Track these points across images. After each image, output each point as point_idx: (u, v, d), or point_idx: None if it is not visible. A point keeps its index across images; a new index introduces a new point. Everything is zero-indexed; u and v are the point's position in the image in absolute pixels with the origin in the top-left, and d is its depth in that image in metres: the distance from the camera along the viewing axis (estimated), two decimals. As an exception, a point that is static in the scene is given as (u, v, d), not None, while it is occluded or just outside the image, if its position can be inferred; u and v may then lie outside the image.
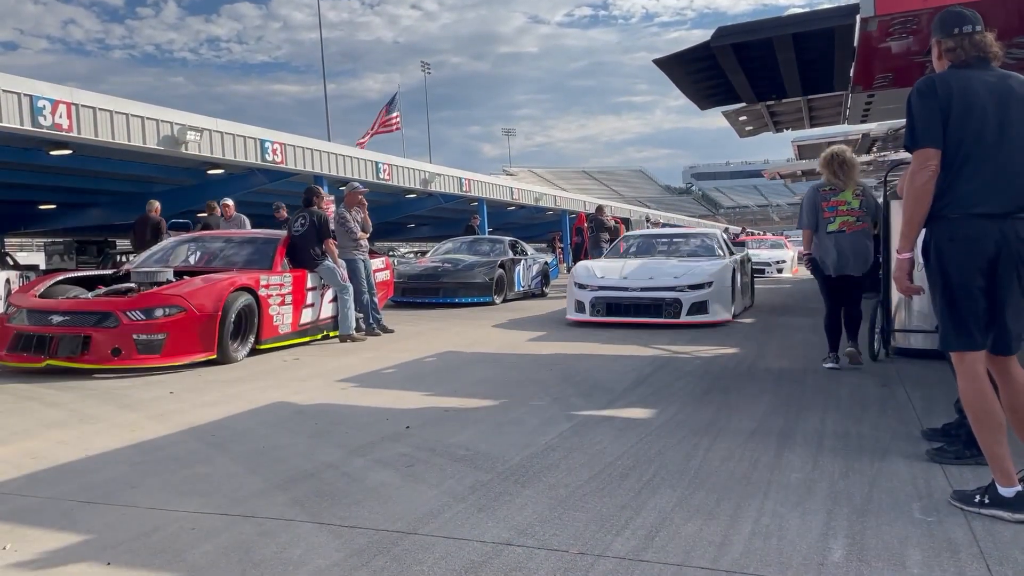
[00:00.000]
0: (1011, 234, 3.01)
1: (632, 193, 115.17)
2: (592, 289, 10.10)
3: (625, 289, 9.88)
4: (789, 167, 25.55)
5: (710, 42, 7.51)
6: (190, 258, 9.15)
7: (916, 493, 3.32)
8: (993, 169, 3.04)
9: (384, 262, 11.57)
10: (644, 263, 10.72)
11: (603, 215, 17.30)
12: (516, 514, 3.13)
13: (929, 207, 3.07)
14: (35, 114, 11.54)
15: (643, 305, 9.76)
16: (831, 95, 10.36)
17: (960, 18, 3.17)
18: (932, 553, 2.70)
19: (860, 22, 5.95)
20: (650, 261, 10.90)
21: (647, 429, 4.53)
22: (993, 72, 3.14)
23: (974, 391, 3.04)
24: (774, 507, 3.17)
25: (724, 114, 11.40)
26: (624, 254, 11.75)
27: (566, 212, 35.67)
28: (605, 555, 2.72)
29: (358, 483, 3.59)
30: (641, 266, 10.53)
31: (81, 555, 2.80)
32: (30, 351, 6.94)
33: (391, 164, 21.80)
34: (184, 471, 3.86)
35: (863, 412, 4.91)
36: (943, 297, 3.10)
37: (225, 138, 15.56)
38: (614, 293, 9.95)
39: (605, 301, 9.95)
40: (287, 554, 2.78)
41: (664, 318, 9.60)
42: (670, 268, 10.20)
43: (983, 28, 3.16)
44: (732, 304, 10.21)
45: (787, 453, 3.98)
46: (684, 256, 11.17)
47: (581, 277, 10.40)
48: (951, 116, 3.04)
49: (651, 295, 9.72)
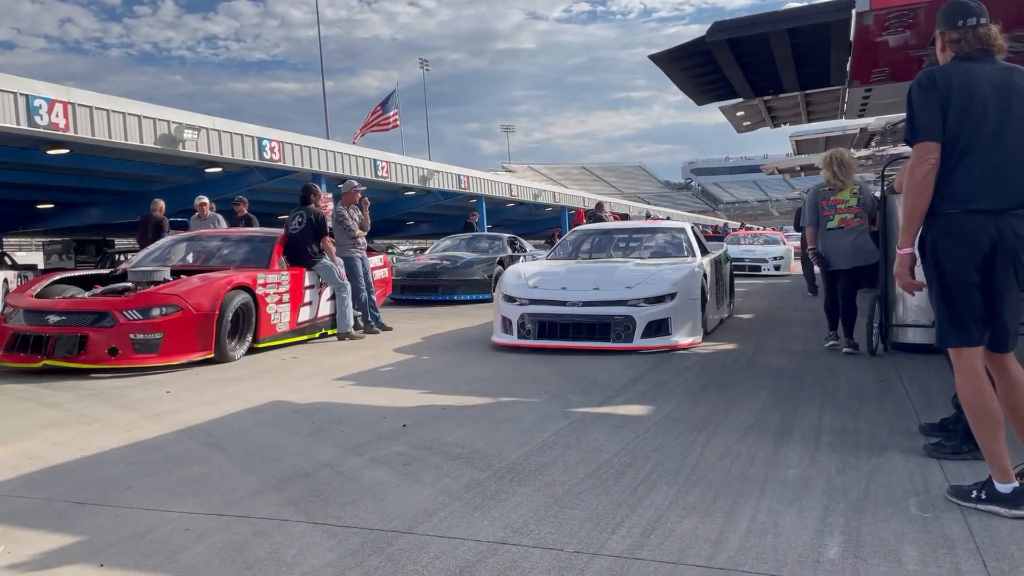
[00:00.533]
0: (1007, 231, 2.98)
1: (631, 189, 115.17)
2: (522, 303, 7.77)
3: (563, 303, 7.57)
4: (788, 162, 25.54)
5: (705, 38, 7.50)
6: (187, 257, 9.13)
7: (913, 489, 3.31)
8: (991, 164, 3.01)
9: (382, 260, 11.55)
10: (592, 267, 8.49)
11: (602, 211, 17.32)
12: (512, 512, 3.12)
13: (929, 201, 3.05)
14: (31, 113, 11.53)
15: (586, 325, 7.46)
16: (828, 90, 10.36)
17: (965, 10, 3.12)
18: (928, 549, 2.69)
19: (856, 16, 5.95)
20: (600, 265, 8.59)
21: (644, 426, 4.52)
22: (997, 65, 3.09)
23: (972, 388, 3.03)
24: (770, 504, 3.16)
25: (721, 109, 11.40)
26: (571, 255, 9.49)
27: (565, 208, 35.68)
28: (600, 553, 2.71)
29: (354, 482, 3.58)
30: (587, 271, 8.25)
31: (74, 557, 2.79)
32: (27, 351, 6.93)
33: (389, 161, 21.79)
34: (180, 471, 3.85)
35: (860, 407, 4.90)
36: (939, 293, 3.08)
37: (223, 136, 15.56)
38: (549, 308, 7.62)
39: (537, 319, 7.59)
40: (281, 555, 2.77)
41: (613, 342, 7.30)
42: (623, 275, 7.88)
43: (988, 20, 3.13)
44: (703, 319, 7.95)
45: (784, 449, 3.97)
46: (646, 257, 8.94)
47: (509, 286, 8.05)
48: (950, 110, 3.01)
49: (596, 311, 7.42)
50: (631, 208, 42.23)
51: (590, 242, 9.80)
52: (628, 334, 7.31)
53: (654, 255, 8.95)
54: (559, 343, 7.45)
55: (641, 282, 7.62)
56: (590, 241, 9.85)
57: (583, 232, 10.22)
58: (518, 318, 7.69)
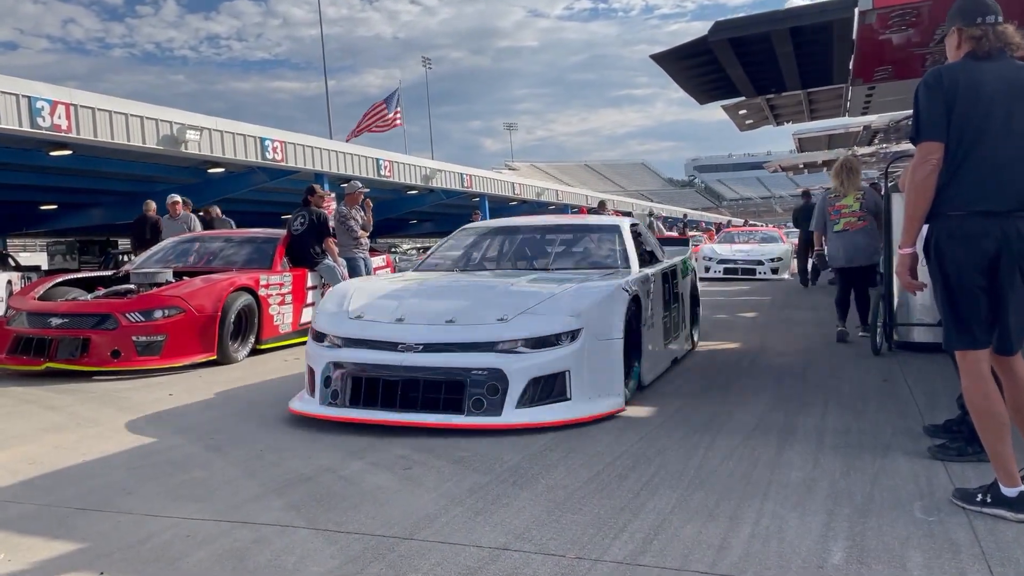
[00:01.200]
0: (1012, 233, 2.95)
1: (635, 186, 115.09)
2: (332, 344, 4.91)
3: (394, 346, 4.68)
4: (791, 160, 25.48)
5: (708, 37, 7.47)
6: (190, 258, 9.13)
7: (918, 491, 3.29)
8: (996, 165, 2.97)
9: (385, 260, 11.54)
10: (459, 285, 5.55)
11: (605, 210, 17.29)
12: (514, 518, 3.11)
13: (931, 202, 3.01)
14: (34, 115, 11.54)
15: (425, 382, 4.56)
16: (831, 88, 10.32)
17: (984, 7, 3.07)
18: (933, 554, 2.67)
19: (859, 15, 5.91)
20: (475, 282, 5.63)
21: (647, 428, 4.50)
22: (1010, 64, 3.05)
23: (977, 390, 3.00)
24: (774, 508, 3.14)
25: (724, 108, 11.36)
26: (458, 264, 6.56)
27: (568, 207, 35.63)
28: (603, 559, 2.69)
29: (355, 487, 3.57)
30: (447, 291, 5.37)
31: (74, 564, 2.78)
32: (29, 354, 6.93)
33: (392, 160, 21.79)
34: (181, 475, 3.84)
35: (864, 408, 4.88)
36: (944, 296, 3.06)
37: (225, 137, 15.56)
38: (371, 355, 4.74)
39: (350, 374, 4.75)
40: (281, 561, 2.75)
41: (468, 416, 4.45)
42: (500, 298, 5.00)
43: (1002, 18, 3.09)
44: (633, 369, 5.24)
45: (787, 451, 3.95)
46: (564, 269, 5.99)
47: (323, 316, 5.19)
48: (956, 110, 2.97)
49: (443, 360, 4.57)
50: (634, 206, 42.16)
51: (484, 246, 6.77)
52: (494, 401, 4.42)
53: (578, 265, 6.08)
54: (383, 416, 4.50)
55: (525, 310, 4.71)
56: (484, 244, 6.79)
57: (475, 232, 6.97)
58: (323, 369, 4.80)
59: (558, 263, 6.18)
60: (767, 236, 19.89)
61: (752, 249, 18.19)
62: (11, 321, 7.30)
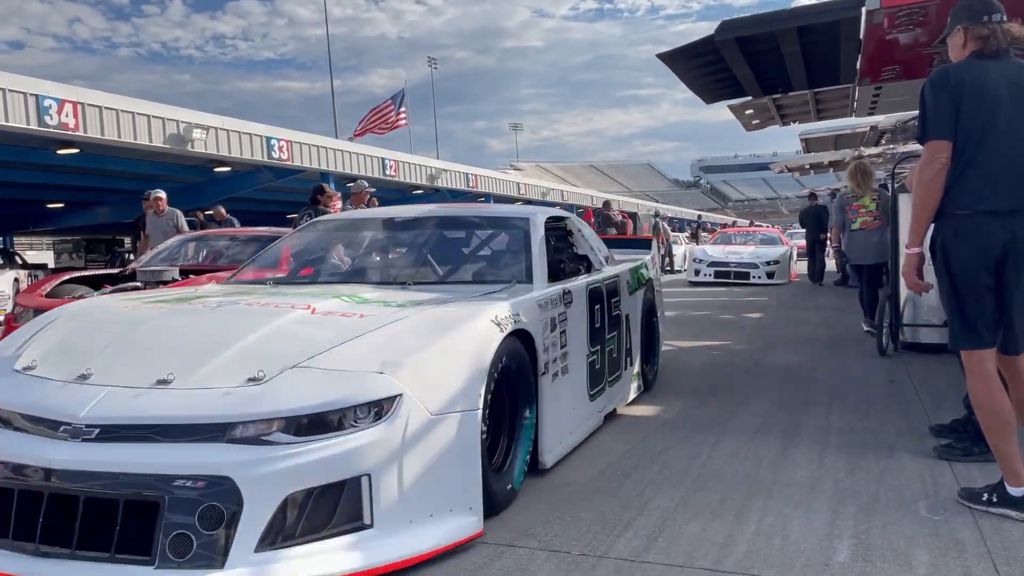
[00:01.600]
0: (1019, 232, 2.95)
1: (640, 187, 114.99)
2: None
3: (55, 427, 2.61)
4: (797, 160, 25.42)
5: (714, 36, 7.47)
6: (197, 256, 9.14)
7: (923, 491, 3.29)
8: (1002, 164, 2.97)
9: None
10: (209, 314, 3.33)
11: (610, 210, 17.27)
12: (519, 514, 3.11)
13: (938, 201, 3.01)
14: (41, 113, 11.58)
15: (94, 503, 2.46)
16: (838, 88, 10.31)
17: (990, 5, 3.07)
18: (939, 553, 2.67)
19: (866, 14, 5.91)
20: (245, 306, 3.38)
21: (652, 426, 4.51)
22: (1015, 63, 3.05)
23: (984, 390, 3.00)
24: (778, 506, 3.14)
25: (730, 108, 11.37)
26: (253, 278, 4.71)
27: (573, 207, 35.61)
28: (607, 556, 2.70)
29: (360, 483, 3.57)
30: (180, 328, 3.22)
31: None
32: (37, 351, 6.94)
33: (397, 160, 21.80)
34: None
35: (870, 407, 4.87)
36: (950, 295, 3.05)
37: (231, 136, 15.60)
38: (10, 446, 2.63)
39: None
40: (287, 556, 2.75)
41: (160, 566, 2.36)
42: (268, 336, 2.95)
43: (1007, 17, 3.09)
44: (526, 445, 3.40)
45: (792, 450, 3.95)
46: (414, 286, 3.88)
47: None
48: (963, 109, 2.96)
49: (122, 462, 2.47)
50: (640, 206, 42.08)
51: (327, 248, 4.86)
52: (211, 540, 2.41)
53: (453, 277, 4.25)
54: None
55: (299, 363, 2.75)
56: (329, 246, 4.87)
57: (325, 227, 5.11)
58: None
59: (423, 274, 4.22)
60: (766, 238, 18.79)
61: (747, 251, 16.94)
62: (19, 318, 7.31)
